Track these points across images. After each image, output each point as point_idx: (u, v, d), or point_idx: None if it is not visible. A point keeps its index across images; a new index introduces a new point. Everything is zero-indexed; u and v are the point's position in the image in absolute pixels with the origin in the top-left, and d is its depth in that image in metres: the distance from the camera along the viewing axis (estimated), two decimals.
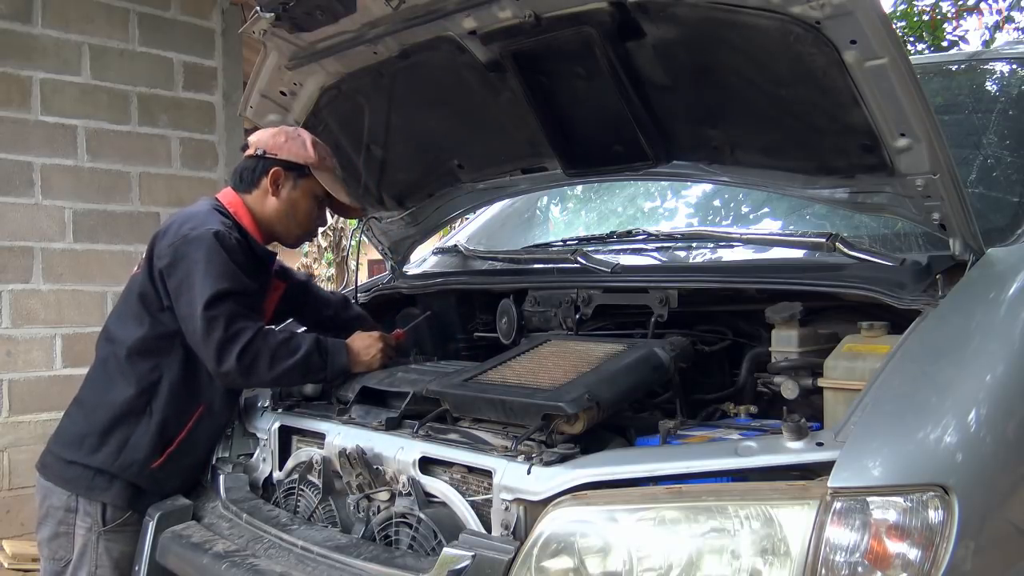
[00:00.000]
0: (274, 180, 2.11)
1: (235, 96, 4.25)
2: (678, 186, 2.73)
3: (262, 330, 1.95)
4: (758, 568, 1.20)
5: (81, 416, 2.05)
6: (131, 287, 2.09)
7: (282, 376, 1.97)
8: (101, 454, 1.99)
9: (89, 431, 2.01)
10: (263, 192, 2.13)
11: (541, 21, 1.75)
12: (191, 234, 1.95)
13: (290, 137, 2.14)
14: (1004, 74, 2.45)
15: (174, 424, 2.02)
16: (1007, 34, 7.44)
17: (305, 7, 1.91)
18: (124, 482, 2.00)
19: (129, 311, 2.05)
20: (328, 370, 2.01)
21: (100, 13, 3.93)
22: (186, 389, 2.02)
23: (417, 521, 1.61)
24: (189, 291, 1.91)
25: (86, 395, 2.09)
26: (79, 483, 2.01)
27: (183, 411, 2.03)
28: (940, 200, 1.50)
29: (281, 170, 2.11)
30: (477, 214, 2.99)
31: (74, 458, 2.01)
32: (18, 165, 3.68)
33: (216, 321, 1.88)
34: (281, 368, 1.94)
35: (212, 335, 1.88)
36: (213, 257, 1.92)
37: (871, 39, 1.36)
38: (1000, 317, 1.44)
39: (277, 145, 2.13)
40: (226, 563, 1.73)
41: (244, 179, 2.15)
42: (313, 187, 2.15)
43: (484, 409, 1.65)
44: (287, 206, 2.14)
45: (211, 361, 1.91)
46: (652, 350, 1.70)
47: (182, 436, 2.03)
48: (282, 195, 2.13)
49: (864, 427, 1.24)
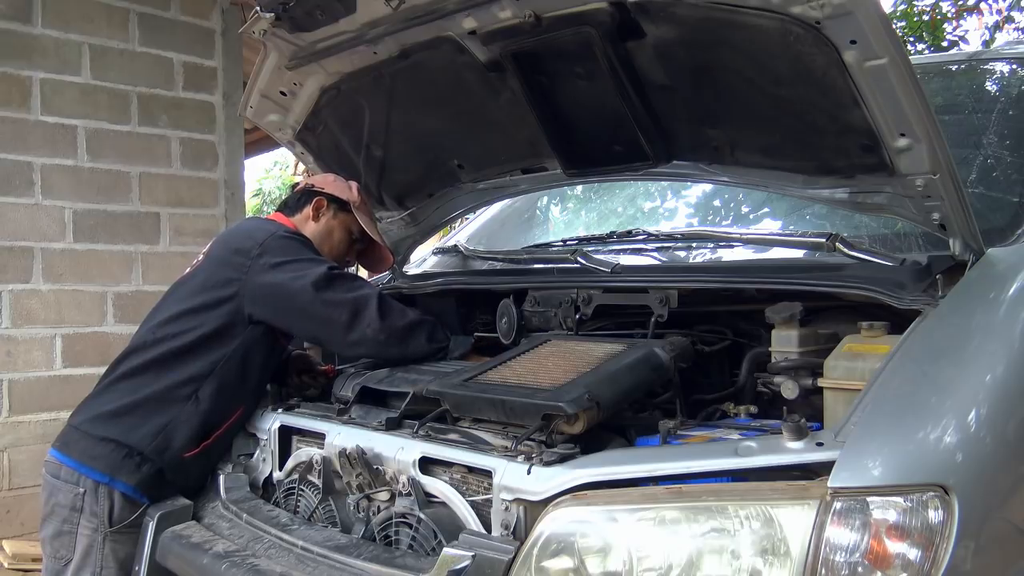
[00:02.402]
0: (317, 207, 2.32)
1: (235, 96, 4.26)
2: (678, 186, 2.73)
3: (378, 296, 2.07)
4: (758, 568, 1.20)
5: (121, 396, 2.05)
6: (189, 286, 2.13)
7: (415, 330, 2.08)
8: (138, 433, 1.99)
9: (130, 411, 2.02)
10: (304, 217, 2.33)
11: (541, 21, 1.75)
12: (277, 232, 2.14)
13: (338, 179, 2.39)
14: (1004, 74, 2.45)
15: (217, 419, 2.06)
16: (1007, 34, 7.45)
17: (305, 7, 1.91)
18: (152, 466, 2.00)
19: (187, 308, 2.08)
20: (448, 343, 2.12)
21: (100, 13, 3.93)
22: (233, 388, 2.07)
23: (417, 521, 1.61)
24: (302, 276, 2.02)
25: (128, 378, 2.07)
26: (108, 460, 1.99)
27: (226, 409, 2.08)
28: (940, 200, 1.50)
29: (324, 200, 2.33)
30: (477, 214, 2.99)
31: (108, 434, 2.00)
32: (18, 165, 3.69)
33: (339, 288, 2.04)
34: (408, 321, 2.07)
35: (338, 315, 2.01)
36: (302, 250, 2.12)
37: (871, 39, 1.36)
38: (1000, 317, 1.44)
39: (325, 182, 2.37)
40: (226, 563, 1.73)
41: (290, 205, 2.37)
42: (350, 223, 2.36)
43: (484, 409, 1.65)
44: (324, 231, 2.33)
45: (346, 327, 2.02)
46: (652, 350, 1.70)
47: (219, 433, 2.07)
48: (321, 221, 2.33)
49: (864, 427, 1.24)
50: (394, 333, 2.04)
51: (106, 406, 2.05)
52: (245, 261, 2.07)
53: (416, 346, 2.07)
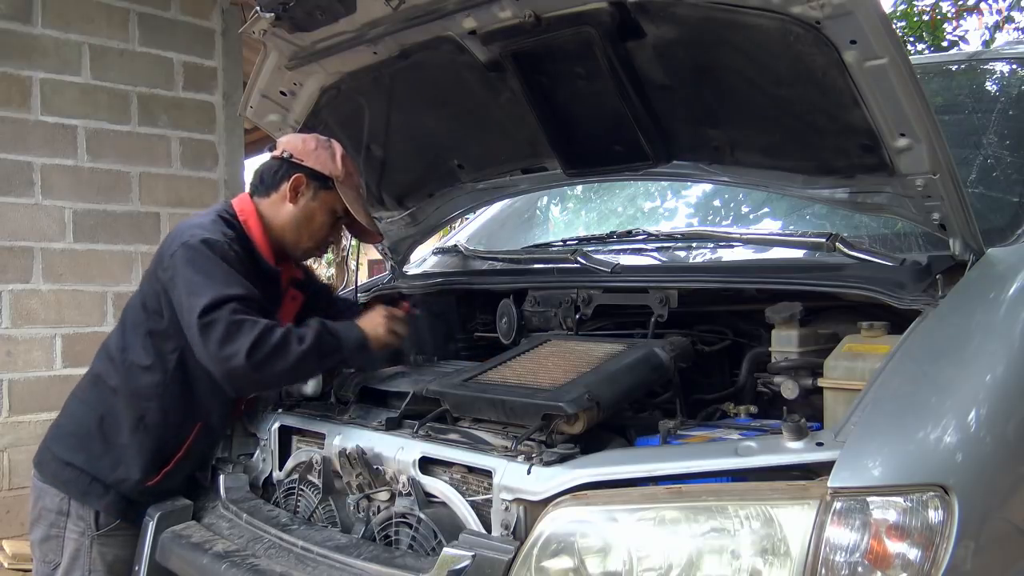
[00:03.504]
0: (295, 186, 2.04)
1: (235, 96, 4.26)
2: (678, 186, 2.73)
3: (267, 326, 1.80)
4: (758, 568, 1.20)
5: (82, 419, 2.02)
6: (132, 301, 2.05)
7: (299, 365, 1.83)
8: (100, 463, 1.97)
9: (89, 437, 1.98)
10: (281, 197, 2.05)
11: (541, 21, 1.75)
12: (189, 241, 1.88)
13: (320, 146, 2.07)
14: (1004, 74, 2.46)
15: (172, 444, 1.98)
16: (1007, 34, 7.45)
17: (305, 7, 1.91)
18: (118, 494, 1.98)
19: (129, 326, 2.02)
20: (344, 348, 1.90)
21: (100, 13, 3.93)
22: (183, 409, 1.97)
23: (417, 521, 1.61)
24: (189, 298, 1.82)
25: (89, 400, 2.03)
26: (74, 487, 1.98)
27: (180, 430, 1.98)
28: (940, 200, 1.50)
29: (304, 177, 2.04)
30: (477, 214, 2.99)
31: (72, 460, 1.99)
32: (18, 165, 3.69)
33: (216, 323, 1.77)
34: (294, 357, 1.80)
35: (211, 336, 1.76)
36: (206, 264, 1.85)
37: (871, 39, 1.36)
38: (1000, 317, 1.44)
39: (306, 151, 2.06)
40: (226, 563, 1.73)
41: (264, 180, 2.07)
42: (333, 201, 2.08)
43: (484, 409, 1.65)
44: (303, 215, 2.06)
45: (217, 365, 1.78)
46: (652, 350, 1.70)
47: (179, 456, 1.99)
48: (300, 203, 2.05)
49: (864, 427, 1.24)
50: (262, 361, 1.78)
51: (70, 428, 2.03)
52: (160, 273, 1.93)
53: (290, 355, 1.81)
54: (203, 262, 1.85)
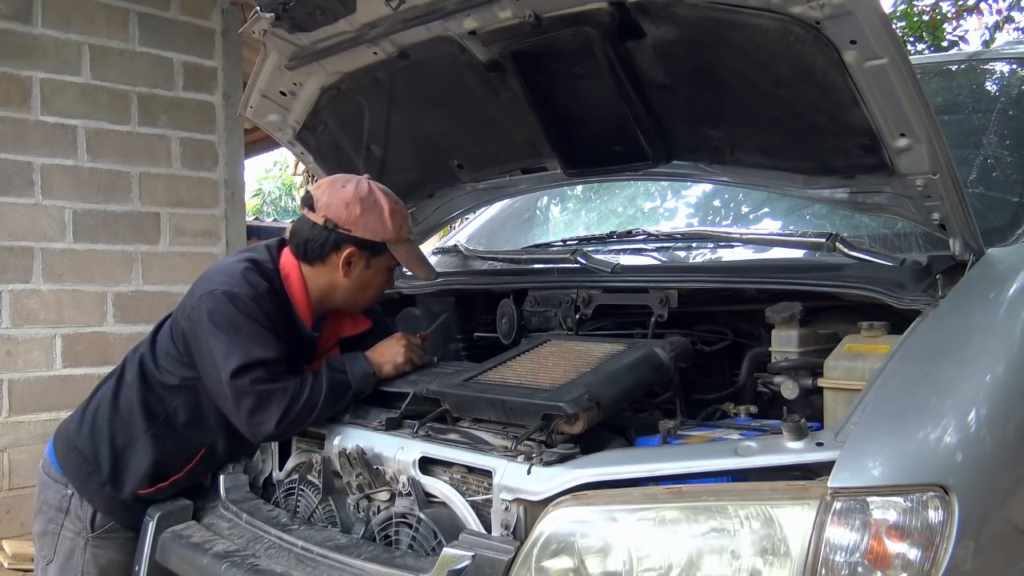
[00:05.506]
0: (347, 261, 1.89)
1: (235, 96, 4.26)
2: (678, 186, 2.73)
3: (295, 392, 1.80)
4: (758, 568, 1.20)
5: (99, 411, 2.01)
6: (168, 320, 2.02)
7: (319, 416, 1.85)
8: (103, 457, 1.98)
9: (100, 430, 1.99)
10: (330, 269, 1.91)
11: (541, 21, 1.75)
12: (215, 291, 1.82)
13: (366, 208, 1.89)
14: (1004, 74, 2.46)
15: (174, 464, 1.98)
16: (1007, 34, 7.45)
17: (305, 7, 1.90)
18: (113, 490, 1.98)
19: (160, 342, 2.00)
20: (353, 384, 1.88)
21: (100, 13, 3.93)
22: (191, 433, 1.97)
23: (417, 521, 1.61)
24: (215, 355, 1.80)
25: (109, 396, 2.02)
26: (76, 474, 1.99)
27: (185, 452, 1.99)
28: (940, 200, 1.51)
29: (355, 249, 1.89)
30: (477, 214, 2.99)
31: (79, 446, 2.00)
32: (18, 165, 3.69)
33: (246, 394, 1.77)
34: (316, 413, 1.83)
35: (242, 405, 1.78)
36: (228, 320, 1.79)
37: (871, 39, 1.36)
38: (1000, 317, 1.44)
39: (351, 219, 1.87)
40: (226, 563, 1.73)
41: (310, 252, 1.91)
42: (388, 261, 1.97)
43: (484, 409, 1.65)
44: (357, 285, 1.95)
45: (247, 429, 1.83)
46: (652, 350, 1.70)
47: (178, 476, 2.00)
48: (353, 275, 1.92)
49: (864, 427, 1.24)
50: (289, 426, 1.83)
51: (87, 415, 2.03)
52: (183, 320, 1.90)
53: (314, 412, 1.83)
54: (225, 317, 1.80)
